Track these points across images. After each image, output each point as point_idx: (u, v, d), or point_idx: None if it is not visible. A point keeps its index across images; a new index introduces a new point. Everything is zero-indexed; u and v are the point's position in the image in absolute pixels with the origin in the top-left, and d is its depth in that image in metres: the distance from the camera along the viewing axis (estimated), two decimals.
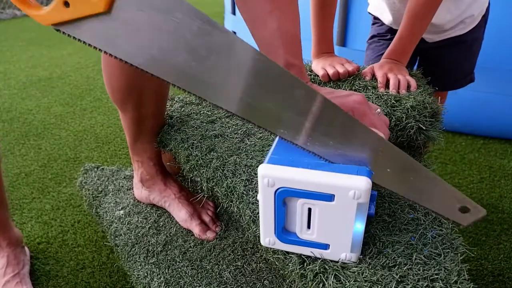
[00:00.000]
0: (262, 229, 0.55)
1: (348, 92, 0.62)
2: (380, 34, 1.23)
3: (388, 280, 0.49)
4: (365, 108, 0.58)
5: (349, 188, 0.47)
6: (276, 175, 0.50)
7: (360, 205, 0.48)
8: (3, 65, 2.73)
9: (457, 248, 0.55)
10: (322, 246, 0.53)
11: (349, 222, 0.50)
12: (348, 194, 0.48)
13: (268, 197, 0.52)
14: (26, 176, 1.49)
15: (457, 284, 0.49)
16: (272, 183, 0.50)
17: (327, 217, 0.51)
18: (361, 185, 0.47)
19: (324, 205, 0.50)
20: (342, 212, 0.49)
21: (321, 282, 0.51)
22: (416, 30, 1.00)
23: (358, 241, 0.52)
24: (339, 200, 0.49)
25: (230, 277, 0.82)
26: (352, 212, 0.49)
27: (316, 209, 0.51)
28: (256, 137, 0.83)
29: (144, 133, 0.95)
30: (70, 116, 2.00)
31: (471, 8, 1.09)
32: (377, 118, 0.59)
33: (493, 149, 1.71)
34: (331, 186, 0.48)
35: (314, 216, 0.51)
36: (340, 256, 0.53)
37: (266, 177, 0.50)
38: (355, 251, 0.53)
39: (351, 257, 0.53)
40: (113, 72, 0.85)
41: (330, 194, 0.49)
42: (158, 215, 1.00)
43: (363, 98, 0.60)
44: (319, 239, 0.53)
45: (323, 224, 0.51)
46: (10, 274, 0.99)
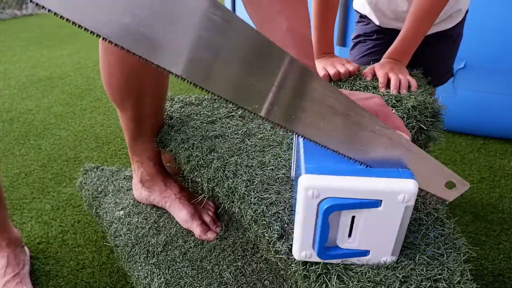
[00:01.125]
0: (298, 242, 0.52)
1: (368, 95, 0.61)
2: (366, 34, 1.23)
3: (391, 281, 0.49)
4: (387, 110, 0.58)
5: (398, 192, 0.46)
6: (320, 185, 0.47)
7: (408, 208, 0.47)
8: (3, 65, 2.73)
9: (460, 248, 0.55)
10: (362, 253, 0.52)
11: (394, 226, 0.49)
12: (397, 198, 0.46)
13: (311, 209, 0.48)
14: (26, 176, 1.49)
15: (460, 284, 0.49)
16: (316, 194, 0.47)
17: (372, 224, 0.49)
18: (411, 188, 0.46)
19: (370, 212, 0.48)
20: (388, 217, 0.48)
21: (324, 283, 0.51)
22: (420, 31, 1.00)
23: (399, 245, 0.51)
24: (387, 205, 0.47)
25: (231, 277, 0.82)
26: (399, 216, 0.48)
27: (360, 217, 0.49)
28: (257, 137, 0.83)
29: (143, 132, 0.94)
30: (70, 116, 2.00)
31: (459, 3, 1.10)
32: (399, 120, 0.59)
33: (493, 149, 1.71)
34: (379, 191, 0.47)
35: (357, 224, 0.50)
36: (380, 260, 0.52)
37: (311, 189, 0.47)
38: (395, 254, 0.52)
39: (391, 260, 0.52)
40: (112, 71, 0.84)
41: (377, 200, 0.47)
42: (158, 216, 1.00)
43: (383, 101, 0.60)
44: (360, 246, 0.51)
45: (366, 231, 0.50)
46: (10, 274, 0.99)
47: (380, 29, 1.20)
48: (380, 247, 0.51)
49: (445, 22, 1.13)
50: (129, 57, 0.80)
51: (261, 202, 0.64)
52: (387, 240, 0.50)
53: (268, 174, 0.70)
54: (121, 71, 0.84)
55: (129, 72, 0.83)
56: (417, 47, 1.02)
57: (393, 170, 0.49)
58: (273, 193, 0.65)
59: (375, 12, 1.18)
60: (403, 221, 0.49)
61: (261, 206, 0.63)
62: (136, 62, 0.82)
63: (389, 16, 1.15)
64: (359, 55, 1.23)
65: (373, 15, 1.20)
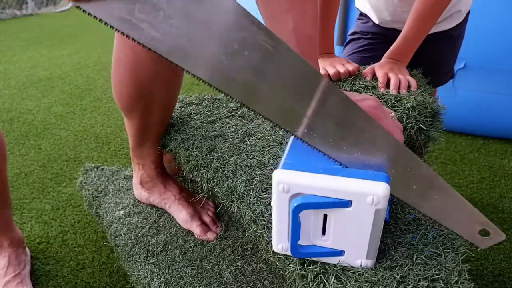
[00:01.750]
0: (275, 235, 0.54)
1: (362, 96, 0.61)
2: (362, 32, 1.24)
3: (389, 281, 0.49)
4: (379, 113, 0.57)
5: (367, 194, 0.46)
6: (291, 181, 0.48)
7: (378, 211, 0.47)
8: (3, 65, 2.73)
9: (458, 248, 0.55)
10: (337, 253, 0.52)
11: (366, 229, 0.48)
12: (366, 200, 0.46)
13: (283, 203, 0.50)
14: (26, 176, 1.49)
15: (457, 284, 0.49)
16: (287, 189, 0.48)
17: (343, 224, 0.49)
18: (380, 191, 0.46)
19: (340, 212, 0.48)
20: (359, 219, 0.48)
21: (321, 283, 0.51)
22: (421, 31, 1.00)
23: (374, 248, 0.51)
24: (357, 207, 0.47)
25: (230, 277, 0.82)
26: (370, 219, 0.48)
27: (332, 216, 0.49)
28: (257, 137, 0.83)
29: (149, 139, 0.94)
30: (70, 116, 2.00)
31: (459, 3, 1.11)
32: (392, 124, 0.58)
33: (493, 149, 1.71)
34: (348, 192, 0.47)
35: (330, 223, 0.50)
36: (355, 262, 0.52)
37: (281, 183, 0.48)
38: (371, 257, 0.51)
39: (366, 263, 0.52)
40: (123, 80, 0.84)
41: (347, 200, 0.47)
42: (158, 215, 1.00)
43: (378, 103, 0.59)
44: (334, 245, 0.52)
45: (339, 231, 0.50)
46: (11, 275, 0.99)
47: (378, 28, 1.20)
48: (354, 248, 0.51)
49: (445, 22, 1.13)
50: (141, 67, 0.80)
51: (260, 202, 0.64)
52: (361, 242, 0.50)
53: (267, 174, 0.70)
54: (133, 81, 0.83)
55: (140, 82, 0.83)
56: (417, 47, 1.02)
57: (369, 173, 0.49)
58: None
59: (374, 11, 1.19)
60: (375, 224, 0.48)
61: (260, 206, 0.63)
62: (148, 73, 0.81)
63: (387, 17, 1.16)
64: (351, 52, 1.23)
65: (372, 13, 1.20)
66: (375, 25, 1.21)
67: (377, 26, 1.20)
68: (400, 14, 1.11)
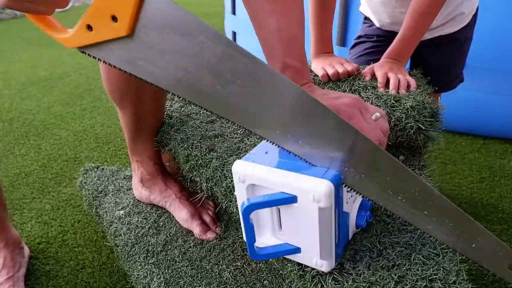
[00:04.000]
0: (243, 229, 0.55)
1: (340, 94, 0.60)
2: (367, 35, 1.24)
3: (386, 281, 0.49)
4: (353, 111, 0.56)
5: (309, 191, 0.47)
6: (245, 171, 0.51)
7: (322, 210, 0.47)
8: (3, 65, 2.74)
9: None
10: (294, 250, 0.53)
11: (314, 227, 0.49)
12: (308, 196, 0.47)
13: (241, 192, 0.53)
14: (26, 176, 1.49)
15: (455, 284, 0.49)
16: (242, 180, 0.52)
17: (294, 219, 0.51)
18: (321, 189, 0.46)
19: (290, 207, 0.50)
20: (306, 216, 0.49)
21: (319, 283, 0.51)
22: (419, 30, 1.00)
23: (328, 248, 0.51)
24: (302, 203, 0.48)
25: (230, 277, 0.82)
26: (315, 217, 0.48)
27: (283, 210, 0.51)
28: (256, 137, 0.83)
29: (143, 131, 0.94)
30: (70, 116, 2.00)
31: (462, 6, 1.10)
32: (367, 124, 0.56)
33: (493, 149, 1.71)
34: (294, 187, 0.48)
35: (284, 217, 0.52)
36: (311, 261, 0.52)
37: (237, 173, 0.52)
38: (326, 258, 0.51)
39: (322, 264, 0.51)
40: (111, 70, 0.84)
41: (293, 196, 0.48)
42: (158, 215, 1.00)
43: (355, 101, 0.57)
44: (290, 241, 0.53)
45: (292, 226, 0.52)
46: (4, 277, 0.97)
47: (381, 31, 1.20)
48: (308, 246, 0.52)
49: (448, 25, 1.12)
50: None
51: None
52: (313, 241, 0.50)
53: None
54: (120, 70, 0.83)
55: None
56: (415, 46, 1.02)
57: (321, 169, 0.49)
58: None
59: (374, 14, 1.19)
60: (322, 223, 0.48)
61: None
62: None
63: (386, 19, 1.16)
64: (357, 55, 1.23)
65: (373, 17, 1.20)
66: (378, 28, 1.21)
67: (380, 29, 1.21)
68: (398, 16, 1.11)
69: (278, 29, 0.61)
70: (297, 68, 0.63)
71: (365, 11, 1.25)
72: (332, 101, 0.57)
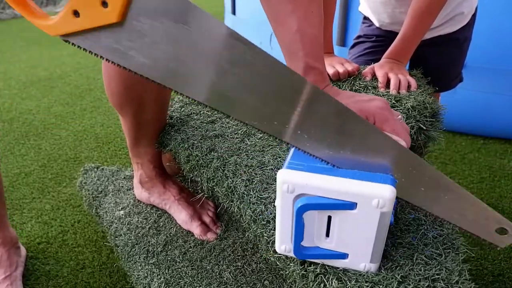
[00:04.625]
0: (278, 235, 0.53)
1: (370, 97, 0.60)
2: (367, 35, 1.24)
3: (389, 281, 0.49)
4: (387, 113, 0.57)
5: (372, 197, 0.45)
6: (295, 181, 0.48)
7: (384, 215, 0.46)
8: (3, 65, 2.73)
9: (458, 248, 0.55)
10: (340, 255, 0.51)
11: (370, 232, 0.48)
12: (371, 203, 0.46)
13: (287, 203, 0.49)
14: (26, 176, 1.49)
15: (458, 284, 0.49)
16: (292, 190, 0.48)
17: (348, 226, 0.49)
18: (386, 194, 0.45)
19: (345, 214, 0.48)
20: (363, 222, 0.47)
21: (322, 283, 0.51)
22: (419, 30, 1.00)
23: (379, 251, 0.50)
24: (362, 209, 0.47)
25: (230, 277, 0.82)
26: (375, 222, 0.47)
27: (336, 217, 0.49)
28: (257, 137, 0.83)
29: (144, 137, 0.94)
30: (70, 116, 2.00)
31: (461, 6, 1.10)
32: (399, 125, 0.57)
33: (493, 149, 1.71)
34: (353, 194, 0.46)
35: (334, 224, 0.49)
36: (359, 266, 0.51)
37: (286, 183, 0.48)
38: (375, 261, 0.51)
39: (370, 267, 0.51)
40: (112, 76, 0.84)
41: (352, 203, 0.47)
42: (158, 215, 1.00)
43: (385, 104, 0.58)
44: (337, 248, 0.51)
45: (343, 233, 0.49)
46: (1, 276, 0.97)
47: (381, 31, 1.20)
48: (358, 251, 0.50)
49: (448, 25, 1.12)
50: None
51: (260, 201, 0.64)
52: (365, 245, 0.49)
53: (267, 173, 0.70)
54: (121, 78, 0.83)
55: (129, 79, 0.82)
56: (416, 46, 1.02)
57: (376, 175, 0.48)
58: (272, 192, 0.65)
59: (374, 14, 1.19)
60: (380, 227, 0.47)
61: (260, 206, 0.63)
62: None
63: (386, 19, 1.16)
64: (357, 54, 1.23)
65: (373, 16, 1.20)
66: (377, 28, 1.21)
67: (379, 29, 1.21)
68: (398, 16, 1.11)
69: (299, 29, 0.60)
70: (320, 70, 0.62)
71: (364, 11, 1.25)
72: (364, 104, 0.57)
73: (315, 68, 0.61)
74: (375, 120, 0.56)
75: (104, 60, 0.81)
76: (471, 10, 1.13)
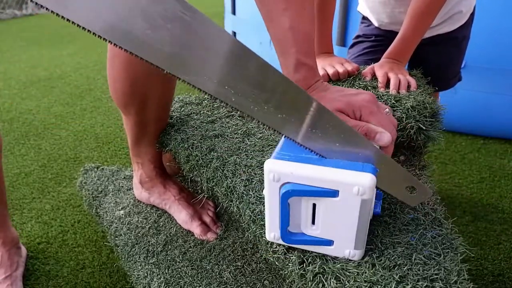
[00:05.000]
0: (267, 224, 0.56)
1: (357, 91, 0.62)
2: (366, 35, 1.24)
3: (388, 281, 0.49)
4: (373, 106, 0.58)
5: (353, 184, 0.48)
6: (281, 170, 0.50)
7: (364, 202, 0.48)
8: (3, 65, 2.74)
9: (457, 248, 0.55)
10: (326, 242, 0.53)
11: (353, 219, 0.50)
12: (352, 190, 0.48)
13: (274, 192, 0.52)
14: (26, 176, 1.49)
15: (456, 284, 0.49)
16: (277, 178, 0.50)
17: (332, 213, 0.51)
18: (365, 182, 0.47)
19: (329, 201, 0.50)
20: (346, 208, 0.49)
21: (320, 282, 0.51)
22: (419, 30, 1.00)
23: (362, 238, 0.52)
24: (343, 196, 0.49)
25: (230, 277, 0.82)
26: (356, 209, 0.49)
27: (320, 205, 0.51)
28: (256, 137, 0.83)
29: (147, 136, 0.94)
30: (70, 116, 2.00)
31: (460, 4, 1.10)
32: (385, 118, 0.59)
33: (493, 149, 1.71)
34: (335, 182, 0.48)
35: (319, 212, 0.52)
36: (344, 253, 0.53)
37: (272, 172, 0.50)
38: (359, 247, 0.53)
39: (354, 254, 0.53)
40: (117, 76, 0.84)
41: (334, 190, 0.49)
42: (158, 215, 1.00)
43: (372, 97, 0.60)
44: (323, 234, 0.53)
45: (328, 220, 0.52)
46: (2, 276, 0.97)
47: (380, 31, 1.21)
48: (342, 238, 0.52)
49: (446, 24, 1.12)
50: (134, 63, 0.80)
51: (259, 201, 0.64)
52: (349, 232, 0.51)
53: None
54: (126, 76, 0.83)
55: (134, 77, 0.83)
56: (416, 46, 1.02)
57: (357, 164, 0.51)
58: None
59: (373, 13, 1.19)
60: (361, 214, 0.49)
61: (259, 206, 0.64)
62: (142, 68, 0.81)
63: (385, 19, 1.16)
64: (356, 54, 1.23)
65: (372, 16, 1.20)
66: (376, 28, 1.21)
67: (378, 29, 1.21)
68: (397, 16, 1.11)
69: (291, 26, 0.61)
70: (310, 66, 0.63)
71: (363, 10, 1.25)
72: (352, 97, 0.59)
73: (306, 64, 0.63)
74: (361, 113, 0.58)
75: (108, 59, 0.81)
76: (470, 9, 1.14)
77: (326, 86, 0.65)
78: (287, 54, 0.63)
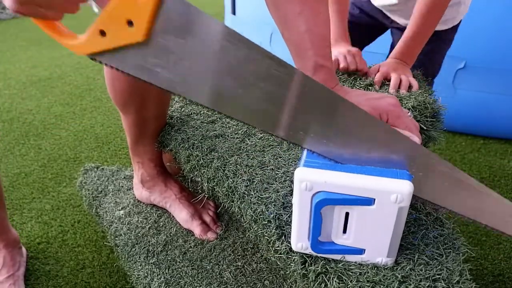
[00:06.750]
0: (295, 234, 0.54)
1: (380, 95, 0.62)
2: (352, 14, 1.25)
3: (390, 281, 0.49)
4: (399, 110, 0.58)
5: (391, 192, 0.46)
6: (314, 179, 0.48)
7: (401, 209, 0.47)
8: (3, 65, 2.73)
9: (459, 248, 0.55)
10: (357, 251, 0.52)
11: (388, 227, 0.48)
12: (390, 198, 0.46)
13: (305, 201, 0.50)
14: (26, 176, 1.49)
15: (459, 284, 0.49)
16: (310, 187, 0.48)
17: (365, 222, 0.49)
18: (404, 189, 0.46)
19: (363, 210, 0.48)
20: (381, 217, 0.48)
21: (323, 282, 0.51)
22: (425, 30, 1.00)
23: (395, 246, 0.51)
24: (380, 204, 0.47)
25: (231, 277, 0.82)
26: (393, 217, 0.47)
27: (354, 214, 0.49)
28: (257, 137, 0.83)
29: (146, 135, 0.94)
30: (70, 116, 2.00)
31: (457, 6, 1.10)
32: (410, 121, 0.59)
33: (493, 149, 1.71)
34: (372, 190, 0.47)
35: (352, 221, 0.50)
36: (376, 260, 0.52)
37: (304, 181, 0.48)
38: (392, 255, 0.51)
39: (387, 262, 0.52)
40: (115, 75, 0.84)
41: (370, 198, 0.47)
42: (158, 215, 1.00)
43: (397, 101, 0.60)
44: (354, 244, 0.51)
45: (361, 229, 0.50)
46: (5, 275, 0.98)
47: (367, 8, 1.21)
48: (375, 246, 0.51)
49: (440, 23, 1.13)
50: None
51: (260, 201, 0.64)
52: (382, 240, 0.50)
53: (268, 173, 0.70)
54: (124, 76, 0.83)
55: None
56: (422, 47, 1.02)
57: (391, 171, 0.49)
58: (273, 192, 0.65)
59: None
60: (397, 222, 0.48)
61: (260, 206, 0.63)
62: None
63: None
64: None
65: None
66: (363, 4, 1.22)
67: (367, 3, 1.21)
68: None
69: (307, 29, 0.61)
70: (328, 68, 0.63)
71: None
72: (376, 102, 0.59)
73: (324, 66, 0.62)
74: (388, 117, 0.57)
75: None
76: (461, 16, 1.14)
77: (346, 90, 0.64)
78: (304, 57, 0.62)
